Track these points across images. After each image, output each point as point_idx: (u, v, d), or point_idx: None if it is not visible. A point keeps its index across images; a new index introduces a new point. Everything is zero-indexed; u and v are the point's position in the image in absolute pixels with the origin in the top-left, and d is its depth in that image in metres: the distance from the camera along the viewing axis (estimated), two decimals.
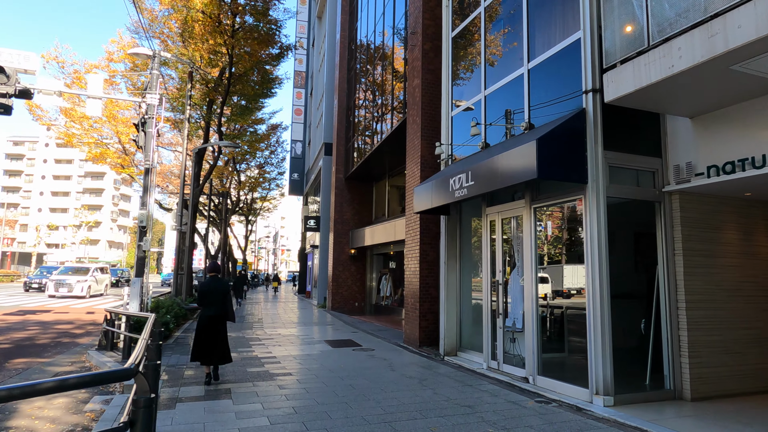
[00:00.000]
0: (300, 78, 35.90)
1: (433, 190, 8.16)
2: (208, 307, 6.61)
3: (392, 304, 18.52)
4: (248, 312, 18.81)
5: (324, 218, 23.60)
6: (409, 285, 10.47)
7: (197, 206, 19.73)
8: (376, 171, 19.07)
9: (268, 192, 49.84)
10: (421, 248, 9.99)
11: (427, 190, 8.43)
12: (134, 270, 12.13)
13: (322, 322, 15.48)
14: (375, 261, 20.38)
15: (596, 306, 5.50)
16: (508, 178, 6.02)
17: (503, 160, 6.12)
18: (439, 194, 7.94)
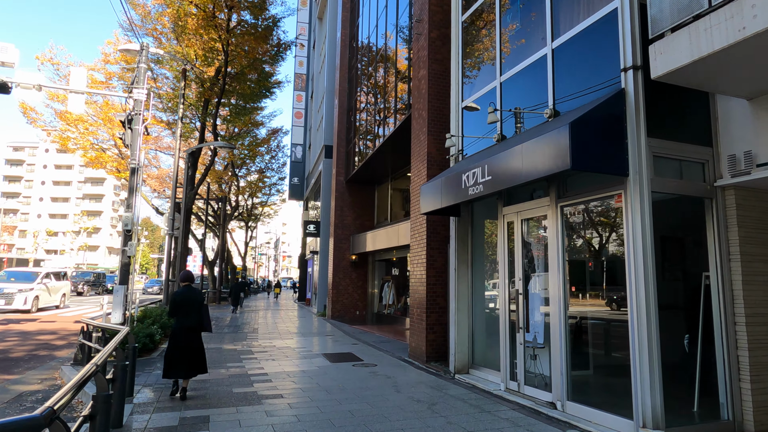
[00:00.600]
0: (300, 81, 35.20)
1: (443, 188, 7.30)
2: (183, 318, 6.29)
3: (395, 313, 17.61)
4: (244, 321, 17.93)
5: (324, 223, 22.75)
6: (414, 294, 9.58)
7: (191, 210, 18.91)
8: (378, 173, 18.24)
9: (269, 198, 49.13)
10: (428, 253, 9.12)
11: (435, 188, 7.57)
12: (118, 277, 11.29)
13: (321, 332, 14.59)
14: (377, 267, 19.49)
15: (642, 320, 4.62)
16: (534, 171, 5.16)
17: (528, 150, 5.27)
18: (450, 192, 7.08)
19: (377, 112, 15.57)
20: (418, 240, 9.62)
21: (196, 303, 6.39)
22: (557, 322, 5.66)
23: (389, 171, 17.90)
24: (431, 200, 7.67)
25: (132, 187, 11.54)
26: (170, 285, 16.50)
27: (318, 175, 25.94)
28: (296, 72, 35.39)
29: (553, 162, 4.87)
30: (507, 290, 6.74)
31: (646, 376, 4.55)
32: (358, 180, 19.33)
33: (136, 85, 11.77)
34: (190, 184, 19.08)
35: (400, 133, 12.71)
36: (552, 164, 4.90)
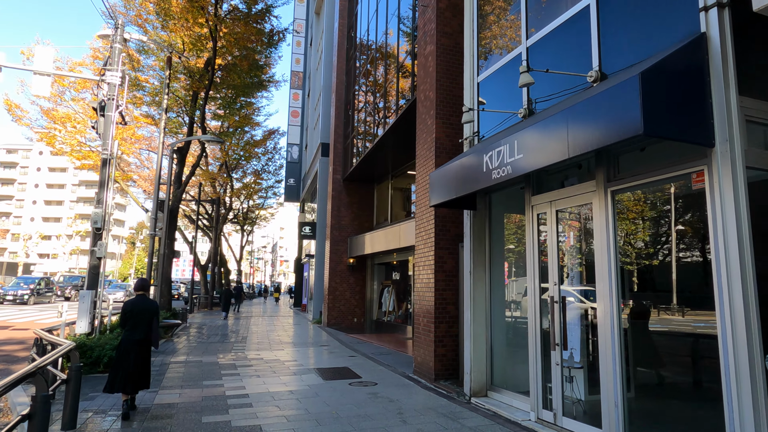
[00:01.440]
0: (297, 78, 34.08)
1: (458, 174, 6.10)
2: (132, 329, 5.85)
3: (395, 321, 16.37)
4: (234, 329, 16.66)
5: (320, 224, 21.53)
6: (420, 300, 8.36)
7: (177, 209, 17.69)
8: (378, 171, 17.05)
9: (265, 201, 47.92)
10: (436, 254, 7.90)
11: (448, 175, 6.37)
12: (86, 281, 10.06)
13: (315, 342, 13.33)
14: (376, 271, 18.27)
15: (739, 338, 3.41)
16: (584, 143, 3.96)
17: (576, 116, 4.07)
18: (467, 179, 5.87)
19: (377, 103, 14.40)
20: (424, 239, 8.41)
21: (147, 314, 5.94)
22: (608, 337, 4.45)
23: (389, 168, 16.72)
24: (443, 189, 6.46)
25: (103, 181, 10.33)
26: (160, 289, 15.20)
27: (314, 175, 24.76)
28: (293, 69, 34.27)
29: (615, 128, 3.67)
30: (537, 297, 5.53)
31: (748, 413, 3.34)
32: (356, 178, 18.15)
33: (109, 67, 10.58)
34: (176, 182, 17.88)
35: (402, 123, 11.53)
36: (613, 131, 3.70)
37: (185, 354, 10.77)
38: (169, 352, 11.10)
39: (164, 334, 14.01)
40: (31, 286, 28.73)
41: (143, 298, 6.02)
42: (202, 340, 13.51)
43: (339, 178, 18.50)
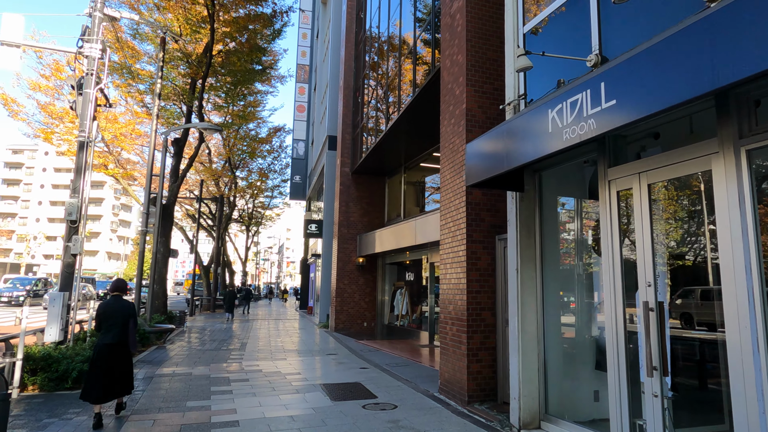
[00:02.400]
0: (303, 72, 32.84)
1: (506, 143, 4.72)
2: (106, 333, 5.55)
3: (409, 326, 14.98)
4: (233, 333, 15.34)
5: (327, 222, 20.19)
6: (448, 305, 6.97)
7: (174, 205, 16.44)
8: (390, 162, 15.68)
9: (271, 200, 46.75)
10: (468, 249, 6.52)
11: (490, 146, 4.99)
12: (59, 281, 8.76)
13: (322, 349, 11.98)
14: (387, 272, 16.89)
15: None
16: (736, 69, 2.56)
17: (737, 14, 2.67)
18: (518, 148, 4.49)
19: (390, 85, 13.05)
20: (452, 231, 7.03)
21: (120, 317, 5.58)
22: (748, 361, 3.05)
23: (402, 159, 15.35)
24: (484, 164, 5.08)
25: (79, 167, 9.05)
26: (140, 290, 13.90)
27: (321, 170, 23.45)
28: (298, 63, 33.04)
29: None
30: (621, 304, 4.12)
31: None
32: (365, 170, 16.80)
33: (87, 37, 9.31)
34: (173, 176, 16.64)
35: (421, 103, 10.16)
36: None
37: (174, 364, 9.45)
38: (157, 361, 9.79)
39: (156, 341, 12.72)
40: (27, 288, 27.63)
41: (117, 300, 5.69)
42: (197, 346, 12.21)
43: (347, 171, 17.16)
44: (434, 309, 13.27)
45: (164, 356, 10.56)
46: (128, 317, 5.60)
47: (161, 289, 15.57)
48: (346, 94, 17.69)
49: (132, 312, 5.68)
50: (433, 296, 13.34)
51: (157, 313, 14.87)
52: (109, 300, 5.68)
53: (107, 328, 5.50)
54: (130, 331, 5.62)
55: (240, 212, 43.36)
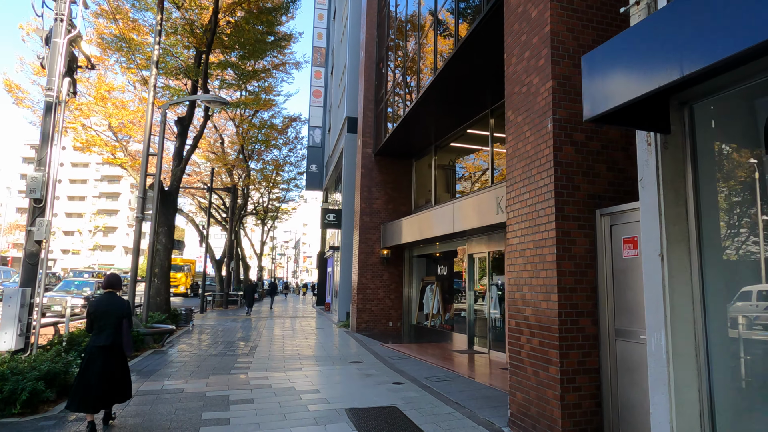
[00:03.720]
0: (319, 55, 31.04)
1: (647, 49, 2.79)
2: (99, 334, 4.99)
3: (442, 327, 13.11)
4: (242, 335, 13.64)
5: (346, 211, 18.39)
6: (522, 307, 5.06)
7: (177, 191, 14.79)
8: (418, 141, 13.78)
9: (287, 193, 45.25)
10: (558, 229, 4.60)
11: (623, 55, 3.06)
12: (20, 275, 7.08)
13: (343, 355, 10.17)
14: (415, 265, 15.02)
15: None
16: None
17: None
18: (674, 55, 2.56)
19: (422, 46, 11.13)
20: (529, 206, 5.11)
21: (114, 316, 5.07)
22: None
23: (432, 137, 13.43)
24: (613, 86, 3.14)
25: (46, 132, 7.35)
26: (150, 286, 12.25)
27: (338, 157, 21.65)
28: (314, 45, 31.24)
29: None
30: None
31: None
32: (390, 152, 14.92)
33: None
34: (176, 159, 14.99)
35: (462, 57, 8.24)
36: None
37: (166, 376, 7.73)
38: (146, 371, 8.09)
39: (153, 344, 11.08)
40: None
41: (110, 297, 5.19)
42: (200, 350, 10.52)
43: (369, 153, 15.30)
44: (473, 308, 11.36)
45: (158, 364, 8.87)
46: (122, 316, 5.12)
47: (163, 285, 13.96)
48: (368, 66, 15.80)
49: (126, 311, 5.19)
50: (472, 293, 11.43)
51: (158, 312, 13.27)
52: (101, 297, 5.17)
53: (99, 329, 5.04)
54: (123, 332, 5.12)
55: (255, 205, 41.97)
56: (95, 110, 23.67)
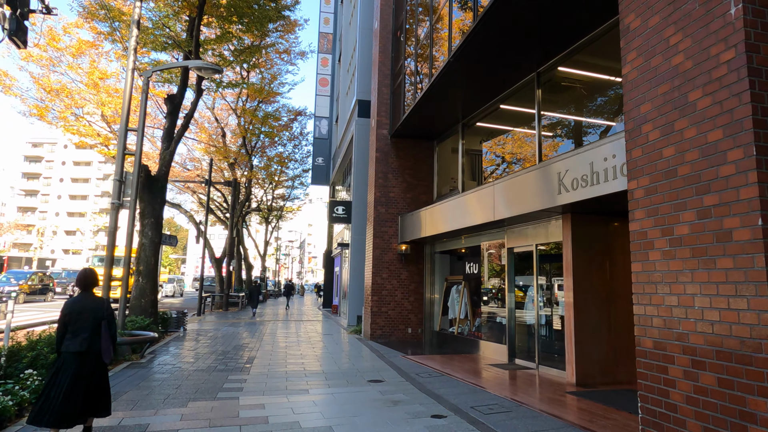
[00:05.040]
0: (326, 41, 29.22)
1: None
2: (71, 338, 4.34)
3: (471, 334, 11.20)
4: (240, 342, 11.77)
5: (357, 203, 16.53)
6: (687, 317, 3.13)
7: (166, 177, 12.94)
8: (442, 119, 11.89)
9: (291, 191, 43.51)
10: (763, 183, 2.65)
11: None
12: None
13: (358, 370, 8.27)
14: (438, 262, 13.13)
15: None
16: None
17: None
18: None
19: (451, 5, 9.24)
20: (683, 151, 3.18)
21: (91, 317, 4.39)
22: None
23: (459, 114, 11.54)
24: None
25: None
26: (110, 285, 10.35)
27: (347, 146, 19.81)
28: (321, 31, 29.45)
29: None
30: None
31: None
32: (408, 133, 13.04)
33: None
34: (165, 140, 13.16)
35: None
36: None
37: (132, 403, 5.86)
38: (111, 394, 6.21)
39: (131, 354, 9.24)
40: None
41: (86, 297, 4.51)
42: (186, 363, 8.66)
43: (385, 134, 13.42)
44: (514, 313, 9.44)
45: (129, 383, 7.02)
46: (101, 318, 4.48)
47: (149, 284, 12.12)
48: (383, 36, 13.92)
49: (106, 311, 4.55)
50: (512, 295, 9.50)
51: (142, 315, 11.44)
52: (76, 297, 4.56)
53: (74, 332, 4.38)
54: (102, 336, 4.46)
55: (258, 203, 40.28)
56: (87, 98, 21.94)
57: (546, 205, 7.00)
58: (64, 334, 4.37)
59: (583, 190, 6.26)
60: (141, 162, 10.19)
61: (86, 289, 4.57)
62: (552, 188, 6.87)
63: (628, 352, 7.30)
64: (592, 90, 7.93)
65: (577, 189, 6.37)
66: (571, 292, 7.22)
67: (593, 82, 7.94)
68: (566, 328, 7.27)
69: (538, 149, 8.66)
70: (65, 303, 4.49)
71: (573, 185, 6.44)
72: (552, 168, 6.90)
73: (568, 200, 6.54)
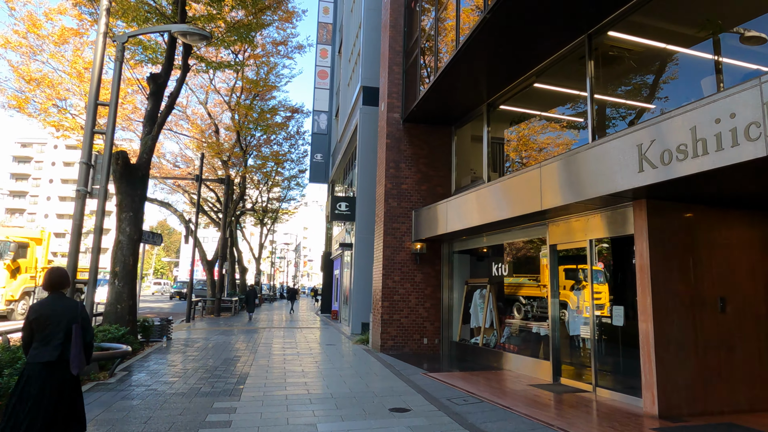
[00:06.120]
0: (325, 32, 27.76)
1: None
2: (43, 346, 3.79)
3: (499, 346, 9.67)
4: (234, 354, 10.15)
5: (362, 198, 15.01)
6: None
7: (148, 166, 11.34)
8: (464, 100, 10.40)
9: (287, 192, 41.97)
10: None
11: None
12: None
13: (374, 393, 6.71)
14: (457, 264, 11.60)
15: None
16: None
17: None
18: None
19: None
20: None
21: (64, 322, 3.85)
22: None
23: (484, 93, 10.07)
24: None
25: None
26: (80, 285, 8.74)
27: (349, 140, 18.32)
28: (320, 21, 27.99)
29: None
30: None
31: None
32: (424, 117, 11.53)
33: None
34: (148, 124, 11.59)
35: None
36: None
37: None
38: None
39: (98, 373, 7.65)
40: None
41: (57, 299, 3.96)
42: (164, 383, 7.06)
43: (397, 119, 11.90)
44: (557, 322, 7.91)
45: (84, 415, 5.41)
46: (73, 323, 3.86)
47: (127, 288, 10.51)
48: (395, 9, 12.43)
49: (81, 314, 3.95)
50: (556, 301, 7.98)
51: (117, 324, 9.83)
52: (44, 299, 3.97)
53: (44, 340, 3.79)
54: (74, 343, 3.79)
55: (253, 203, 38.72)
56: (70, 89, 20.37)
57: (621, 186, 5.48)
58: (30, 342, 3.86)
59: (680, 165, 4.75)
60: (113, 141, 8.60)
61: (56, 290, 4.03)
62: (628, 165, 5.37)
63: (720, 373, 5.80)
64: (653, 59, 6.45)
65: (670, 163, 4.87)
66: (649, 297, 5.71)
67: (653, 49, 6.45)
68: (643, 343, 5.75)
69: (591, 126, 7.17)
70: (31, 306, 3.93)
71: (663, 159, 4.94)
72: (629, 139, 5.39)
73: (654, 179, 5.04)
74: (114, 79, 8.50)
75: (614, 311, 6.73)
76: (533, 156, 9.16)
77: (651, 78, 6.74)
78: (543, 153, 8.83)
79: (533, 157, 9.13)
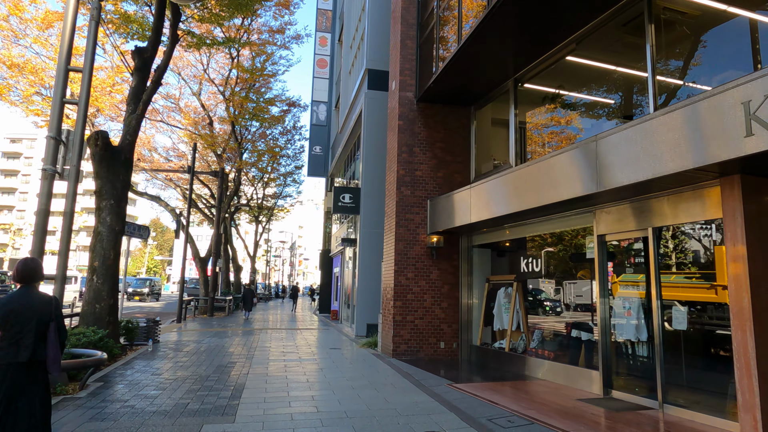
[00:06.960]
0: (325, 19, 26.55)
1: None
2: (10, 344, 3.38)
3: (530, 351, 8.53)
4: (228, 360, 8.95)
5: (368, 190, 13.84)
6: None
7: (133, 149, 10.12)
8: (487, 76, 9.26)
9: (283, 188, 40.70)
10: None
11: None
12: None
13: (394, 409, 5.53)
14: (476, 258, 10.45)
15: None
16: None
17: None
18: None
19: None
20: None
21: (34, 319, 3.47)
22: None
23: (511, 68, 8.92)
24: None
25: None
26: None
27: (351, 130, 17.17)
28: (319, 8, 26.77)
29: None
30: None
31: None
32: (440, 96, 10.38)
33: None
34: (132, 103, 10.36)
35: None
36: None
37: None
38: None
39: (66, 385, 6.44)
40: None
41: (29, 293, 3.56)
42: (142, 398, 5.86)
43: (411, 98, 10.73)
44: (609, 326, 6.78)
45: None
46: (49, 319, 3.51)
47: (107, 285, 9.28)
48: None
49: (55, 311, 3.57)
50: (605, 301, 6.84)
51: (95, 326, 8.62)
52: (14, 293, 3.55)
53: (13, 339, 3.39)
54: (49, 342, 3.46)
55: (248, 199, 37.48)
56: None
57: (718, 157, 4.34)
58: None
59: None
60: (87, 113, 7.39)
61: (27, 282, 3.65)
62: (729, 129, 4.24)
63: None
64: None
65: None
66: (747, 297, 4.59)
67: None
68: (739, 354, 4.62)
69: (652, 91, 6.04)
70: (2, 300, 3.50)
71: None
72: (730, 96, 4.25)
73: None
74: (89, 40, 7.30)
75: (678, 314, 5.61)
76: (571, 138, 8.03)
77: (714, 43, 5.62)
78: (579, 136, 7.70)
79: (571, 140, 8.00)
